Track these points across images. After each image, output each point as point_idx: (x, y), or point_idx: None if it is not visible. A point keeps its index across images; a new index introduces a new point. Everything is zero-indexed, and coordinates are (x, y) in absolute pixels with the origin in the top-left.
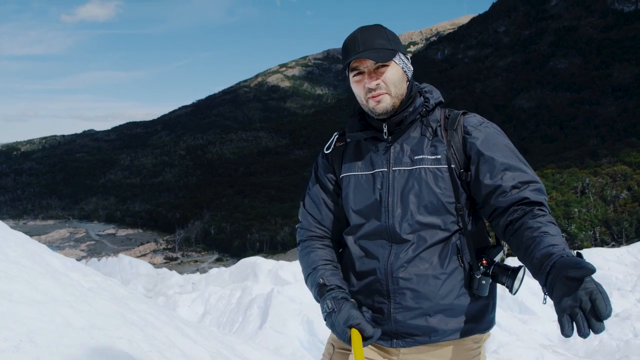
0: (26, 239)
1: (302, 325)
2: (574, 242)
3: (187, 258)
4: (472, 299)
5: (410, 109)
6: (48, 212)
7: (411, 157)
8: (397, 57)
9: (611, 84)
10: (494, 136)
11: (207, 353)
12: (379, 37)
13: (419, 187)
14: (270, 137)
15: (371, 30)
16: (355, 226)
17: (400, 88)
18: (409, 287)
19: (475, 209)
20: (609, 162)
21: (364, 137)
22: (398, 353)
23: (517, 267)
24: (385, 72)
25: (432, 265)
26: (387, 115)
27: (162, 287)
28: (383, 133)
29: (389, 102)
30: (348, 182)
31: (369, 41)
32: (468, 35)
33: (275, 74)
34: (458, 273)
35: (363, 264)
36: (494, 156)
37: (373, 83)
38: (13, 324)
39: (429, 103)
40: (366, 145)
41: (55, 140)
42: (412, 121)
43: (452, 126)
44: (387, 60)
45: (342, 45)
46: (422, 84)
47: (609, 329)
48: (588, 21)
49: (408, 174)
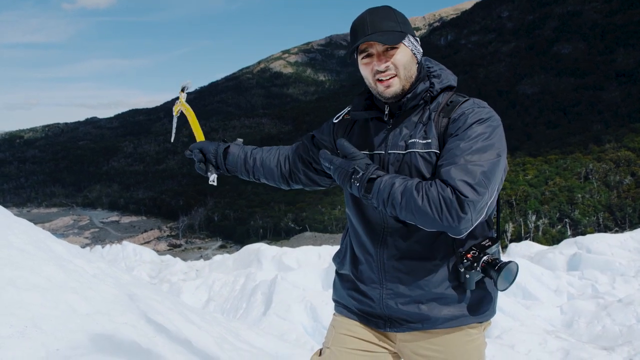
0: (30, 226)
1: (306, 311)
2: (577, 228)
3: (191, 245)
4: (465, 290)
5: (409, 95)
6: (51, 199)
7: (406, 140)
8: (406, 39)
9: (615, 69)
10: (470, 125)
11: (212, 338)
12: (388, 19)
13: (410, 172)
14: (273, 124)
15: (380, 11)
16: (351, 204)
17: (409, 70)
18: (400, 274)
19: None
20: (612, 148)
21: (367, 117)
22: (395, 338)
23: (505, 262)
24: (394, 54)
25: (425, 253)
26: (396, 99)
27: (166, 274)
28: (384, 115)
29: (397, 86)
30: None
31: (377, 23)
32: (471, 21)
33: (278, 60)
34: (451, 263)
35: (358, 246)
36: (457, 141)
37: (382, 65)
38: (18, 310)
39: (434, 88)
40: (370, 125)
41: (58, 128)
42: (414, 106)
43: (448, 113)
44: (396, 43)
45: (350, 28)
46: (434, 66)
47: (611, 314)
48: (592, 6)
49: (402, 158)
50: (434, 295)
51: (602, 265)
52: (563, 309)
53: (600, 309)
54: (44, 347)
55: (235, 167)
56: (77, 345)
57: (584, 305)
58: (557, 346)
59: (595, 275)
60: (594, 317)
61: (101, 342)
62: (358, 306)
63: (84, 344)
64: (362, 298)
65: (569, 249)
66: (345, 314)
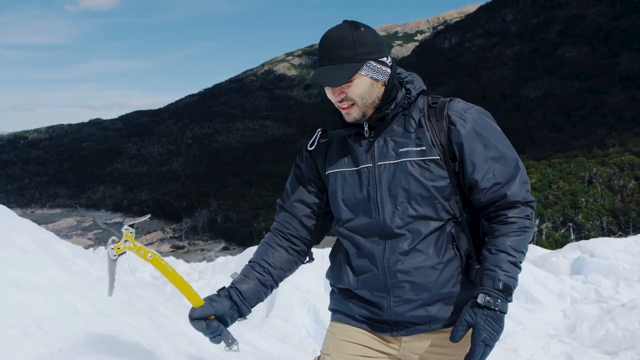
0: (33, 227)
1: (309, 313)
2: (581, 232)
3: (194, 247)
4: (470, 287)
5: (392, 106)
6: (55, 200)
7: (395, 150)
8: (363, 68)
9: (619, 73)
10: (478, 124)
11: None
12: (343, 47)
13: (407, 180)
14: (276, 126)
15: (336, 36)
16: (346, 220)
17: (368, 98)
18: (408, 280)
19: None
20: (616, 152)
21: (346, 133)
22: (400, 341)
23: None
24: (349, 86)
25: (429, 256)
26: (361, 122)
27: None
28: (364, 130)
29: (357, 113)
30: (335, 179)
31: (331, 52)
32: (475, 24)
33: (282, 62)
34: (455, 262)
35: (359, 260)
36: (476, 149)
37: (337, 97)
38: (21, 310)
39: (411, 94)
40: (350, 141)
41: (62, 129)
42: (394, 114)
43: (439, 116)
44: (345, 82)
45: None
46: (403, 73)
47: (615, 318)
48: (596, 10)
49: (394, 167)
50: (440, 296)
51: (605, 269)
52: (566, 313)
53: (603, 313)
54: (47, 347)
55: (259, 298)
56: (80, 346)
57: (587, 309)
58: (560, 350)
59: (599, 279)
60: (597, 321)
61: (104, 343)
62: (362, 313)
63: (87, 345)
64: (367, 306)
65: (572, 253)
66: (345, 320)
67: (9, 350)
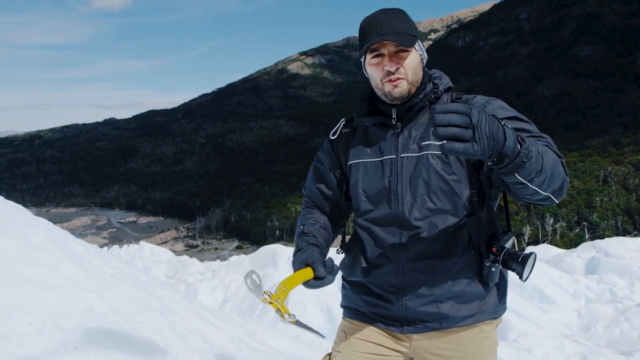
0: (49, 225)
1: (322, 312)
2: (595, 231)
3: (208, 245)
4: (482, 286)
5: (421, 96)
6: (70, 199)
7: (419, 143)
8: (417, 43)
9: (635, 71)
10: (502, 106)
11: (228, 339)
12: (401, 21)
13: (427, 173)
14: (290, 125)
15: (393, 13)
16: (365, 212)
17: (417, 75)
18: (420, 274)
19: (486, 195)
20: (632, 151)
21: (373, 122)
22: (410, 339)
23: (528, 254)
24: (406, 57)
25: (443, 251)
26: (402, 101)
27: (183, 275)
28: (392, 119)
29: (405, 88)
30: (357, 169)
31: (391, 24)
32: (489, 22)
33: (295, 62)
34: (469, 259)
35: (374, 251)
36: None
37: (394, 67)
38: (37, 308)
39: (438, 89)
40: (374, 131)
41: (76, 128)
42: (421, 107)
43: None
44: (410, 46)
45: (360, 26)
46: (432, 70)
47: (630, 318)
48: (611, 7)
49: (416, 160)
50: (452, 294)
51: (620, 269)
52: (581, 313)
53: (618, 313)
54: (62, 345)
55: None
56: (95, 344)
57: (601, 309)
58: (575, 350)
59: (614, 279)
60: (612, 321)
61: (119, 341)
62: (373, 310)
63: (101, 342)
64: (378, 301)
65: (586, 252)
66: (357, 317)
67: (25, 347)
